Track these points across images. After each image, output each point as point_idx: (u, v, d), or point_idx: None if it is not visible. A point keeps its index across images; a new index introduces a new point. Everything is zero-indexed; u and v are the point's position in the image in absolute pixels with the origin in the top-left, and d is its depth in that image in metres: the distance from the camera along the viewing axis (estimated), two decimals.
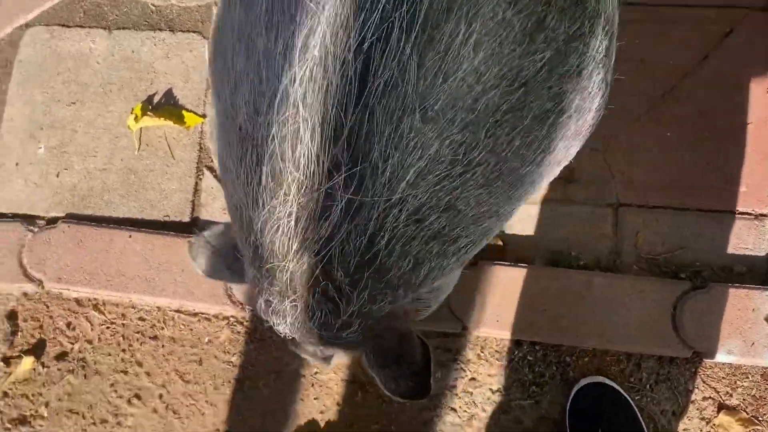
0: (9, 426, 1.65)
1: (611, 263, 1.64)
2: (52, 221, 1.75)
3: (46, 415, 1.66)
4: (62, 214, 1.75)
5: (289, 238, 0.96)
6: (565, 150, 1.12)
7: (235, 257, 1.15)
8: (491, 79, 0.92)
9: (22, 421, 1.65)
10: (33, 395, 1.67)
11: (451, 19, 0.89)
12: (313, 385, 1.62)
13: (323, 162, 0.91)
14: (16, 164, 1.78)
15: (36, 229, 1.73)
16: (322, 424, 1.60)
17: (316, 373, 1.62)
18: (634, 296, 1.57)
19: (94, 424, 1.64)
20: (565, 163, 1.18)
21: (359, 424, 1.59)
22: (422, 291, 1.12)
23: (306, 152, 0.92)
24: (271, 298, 1.06)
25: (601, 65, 1.06)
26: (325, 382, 1.62)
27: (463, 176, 0.98)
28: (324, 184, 0.92)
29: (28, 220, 1.75)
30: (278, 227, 0.96)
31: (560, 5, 0.95)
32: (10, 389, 1.67)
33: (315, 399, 1.61)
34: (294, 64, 0.91)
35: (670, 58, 1.74)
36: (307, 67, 0.91)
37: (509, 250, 1.66)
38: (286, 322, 1.09)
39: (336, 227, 0.95)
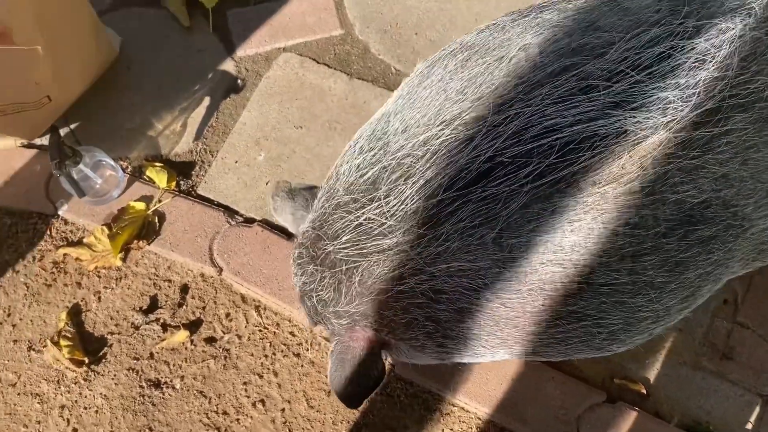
0: (143, 384, 1.78)
1: None
2: (249, 221, 1.92)
3: (178, 387, 1.78)
4: (259, 218, 1.93)
5: (349, 236, 1.14)
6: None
7: (303, 207, 1.40)
8: (562, 260, 1.06)
9: (157, 384, 1.78)
10: (174, 365, 1.80)
11: (557, 199, 1.03)
12: None
13: (407, 200, 1.08)
14: (236, 162, 1.99)
15: (233, 223, 1.90)
16: None
17: None
18: None
19: (216, 412, 1.75)
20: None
21: None
22: (405, 343, 1.24)
23: (398, 187, 1.09)
24: (304, 253, 1.24)
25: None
26: None
27: (480, 302, 1.12)
28: (393, 214, 1.09)
29: (229, 212, 1.93)
30: (346, 225, 1.14)
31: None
32: (158, 353, 1.81)
33: None
34: (449, 125, 1.08)
35: None
36: (459, 131, 1.07)
37: (651, 401, 1.69)
38: (302, 279, 1.27)
39: (381, 250, 1.11)
